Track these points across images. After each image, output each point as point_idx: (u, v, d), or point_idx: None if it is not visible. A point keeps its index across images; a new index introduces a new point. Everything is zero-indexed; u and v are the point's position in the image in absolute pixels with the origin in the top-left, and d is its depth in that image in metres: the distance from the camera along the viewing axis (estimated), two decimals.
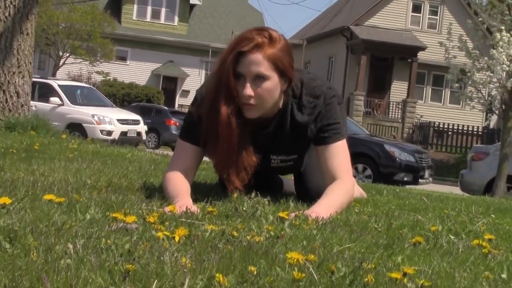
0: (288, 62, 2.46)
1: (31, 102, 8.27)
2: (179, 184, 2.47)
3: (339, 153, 2.59)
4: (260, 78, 2.40)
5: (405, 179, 12.68)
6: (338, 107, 2.63)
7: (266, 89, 2.42)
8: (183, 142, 2.60)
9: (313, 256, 1.58)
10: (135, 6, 32.85)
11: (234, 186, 2.49)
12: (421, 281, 1.46)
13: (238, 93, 2.40)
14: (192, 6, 33.61)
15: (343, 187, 2.55)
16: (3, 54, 7.42)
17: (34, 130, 7.07)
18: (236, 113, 2.41)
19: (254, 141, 2.54)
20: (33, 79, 8.95)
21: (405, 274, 1.49)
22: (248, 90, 2.39)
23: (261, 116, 2.53)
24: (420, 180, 13.12)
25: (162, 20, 33.08)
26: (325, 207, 2.40)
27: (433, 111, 28.51)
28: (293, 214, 2.25)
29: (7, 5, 7.46)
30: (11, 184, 2.43)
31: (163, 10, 33.05)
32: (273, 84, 2.43)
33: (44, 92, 15.72)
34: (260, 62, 2.38)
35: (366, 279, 1.44)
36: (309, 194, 2.71)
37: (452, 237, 2.23)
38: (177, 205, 2.22)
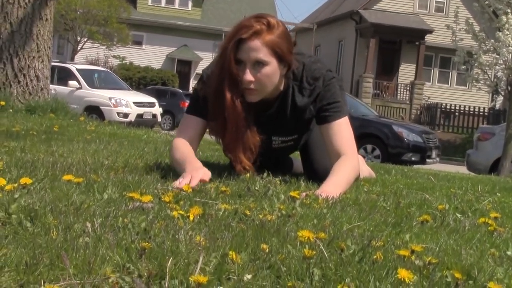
0: (286, 48, 2.53)
1: (50, 85, 8.33)
2: (186, 151, 2.58)
3: (341, 130, 2.66)
4: (259, 64, 2.49)
5: (413, 159, 12.75)
6: (338, 88, 2.70)
7: (266, 74, 2.50)
8: (189, 116, 2.71)
9: (323, 234, 1.60)
10: None
11: (242, 165, 2.59)
12: (429, 258, 1.47)
13: (240, 79, 2.49)
14: None
15: (349, 163, 2.61)
16: (23, 39, 7.49)
17: (54, 113, 7.15)
18: (240, 97, 2.51)
19: (257, 123, 2.62)
20: (52, 64, 9.02)
21: (413, 252, 1.51)
22: (248, 76, 2.48)
23: (263, 98, 2.61)
24: (427, 160, 13.18)
25: (177, 5, 33.04)
26: (334, 186, 2.46)
27: (440, 92, 28.46)
28: (304, 194, 2.29)
29: None
30: (31, 165, 2.47)
31: None
32: (272, 69, 2.51)
33: (63, 76, 15.80)
34: (259, 48, 2.46)
35: (375, 257, 1.45)
36: (317, 175, 2.75)
37: (459, 215, 2.26)
38: (187, 171, 2.36)
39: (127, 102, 15.68)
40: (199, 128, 2.69)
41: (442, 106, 26.18)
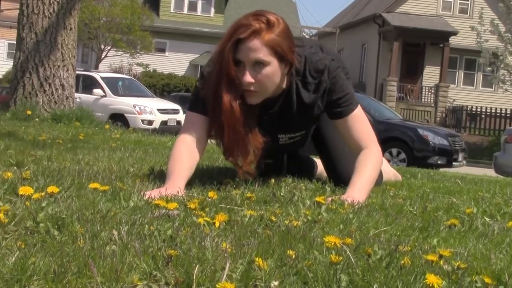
0: (287, 46, 2.41)
1: (75, 94, 8.42)
2: (179, 162, 2.43)
3: (357, 122, 2.60)
4: (259, 64, 2.36)
5: (439, 162, 12.65)
6: (344, 78, 2.60)
7: (266, 75, 2.38)
8: (191, 113, 2.57)
9: (350, 239, 1.59)
10: None
11: (245, 170, 2.48)
12: (457, 263, 1.46)
13: (239, 81, 2.37)
14: None
15: (371, 158, 2.56)
16: (48, 48, 7.59)
17: (79, 121, 7.23)
18: (239, 100, 2.38)
19: (260, 122, 2.52)
20: (77, 72, 9.10)
21: (441, 256, 1.49)
22: (248, 77, 2.36)
23: (266, 97, 2.50)
24: (454, 163, 13.06)
25: (199, 12, 33.21)
26: (359, 189, 2.44)
27: (466, 95, 28.23)
28: (330, 199, 2.28)
29: (51, 1, 7.62)
30: (58, 174, 2.49)
31: (200, 3, 33.17)
32: (273, 69, 2.39)
33: (87, 84, 15.95)
34: (258, 48, 2.34)
35: (403, 262, 1.44)
36: (342, 177, 2.72)
37: (487, 219, 2.23)
38: (166, 187, 2.23)
39: (151, 109, 15.76)
40: (203, 126, 2.53)
41: (468, 109, 25.94)
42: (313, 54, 2.58)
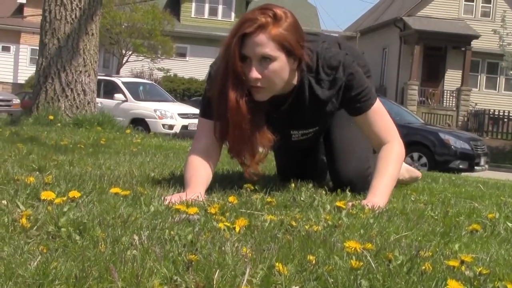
0: (295, 41, 2.32)
1: (97, 99, 8.49)
2: (195, 171, 2.40)
3: (377, 117, 2.54)
4: (266, 60, 2.29)
5: (461, 166, 12.56)
6: (360, 72, 2.52)
7: (273, 71, 2.30)
8: (203, 120, 2.52)
9: (370, 244, 1.58)
10: (193, 4, 33.18)
11: (251, 170, 2.43)
12: (479, 269, 1.44)
13: (245, 77, 2.30)
14: (248, 2, 33.63)
15: (392, 154, 2.52)
16: (70, 54, 7.66)
17: (100, 126, 7.28)
18: (246, 97, 2.31)
19: (272, 119, 2.47)
20: (98, 77, 9.18)
21: (462, 262, 1.48)
22: (254, 73, 2.28)
23: (276, 94, 2.42)
24: (476, 168, 12.95)
25: (220, 17, 33.31)
26: (380, 193, 2.41)
27: (488, 98, 28.01)
28: (350, 204, 2.27)
29: (73, 7, 7.70)
30: (79, 178, 2.51)
31: (220, 7, 33.27)
32: (280, 64, 2.31)
33: (109, 89, 16.05)
34: (264, 43, 2.26)
35: (424, 267, 1.43)
36: (340, 177, 2.69)
37: (510, 224, 2.21)
38: (187, 195, 2.21)
39: (172, 114, 15.82)
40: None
41: (490, 112, 25.72)
42: (326, 50, 2.49)
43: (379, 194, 2.41)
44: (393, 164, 2.51)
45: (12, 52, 33.11)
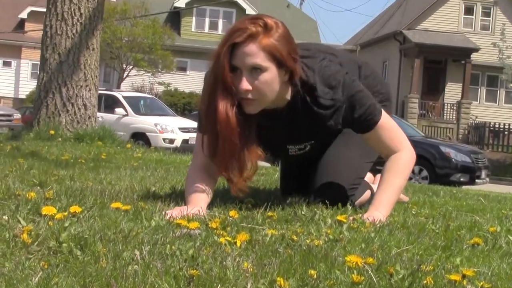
0: (286, 52, 2.25)
1: (98, 113, 8.50)
2: (196, 186, 2.37)
3: (384, 131, 2.46)
4: (256, 70, 2.22)
5: (462, 179, 12.55)
6: (361, 89, 2.43)
7: (264, 82, 2.23)
8: (200, 134, 2.45)
9: (371, 259, 1.58)
10: (194, 19, 33.38)
11: (238, 187, 2.35)
12: (481, 283, 1.45)
13: (235, 88, 2.23)
14: None
15: (399, 164, 2.46)
16: (71, 69, 7.68)
17: (101, 141, 7.28)
18: (235, 109, 2.24)
19: (267, 133, 2.42)
20: (99, 92, 9.19)
21: (464, 276, 1.48)
22: (245, 84, 2.22)
23: (268, 108, 2.36)
24: (477, 181, 12.95)
25: (220, 31, 33.39)
26: (383, 206, 2.39)
27: (488, 111, 28.10)
28: (351, 218, 2.26)
29: (74, 22, 7.73)
30: (80, 193, 2.51)
31: (220, 22, 33.42)
32: (271, 75, 2.24)
33: (109, 104, 16.09)
34: (255, 53, 2.20)
35: (425, 281, 1.43)
36: (314, 190, 2.63)
37: (511, 238, 2.21)
38: (188, 209, 2.20)
39: (172, 128, 15.84)
40: None
41: (491, 125, 25.75)
42: (325, 68, 2.42)
43: (381, 207, 2.39)
44: (398, 176, 2.46)
45: (13, 67, 33.20)
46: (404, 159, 2.48)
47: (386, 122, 2.49)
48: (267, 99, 2.30)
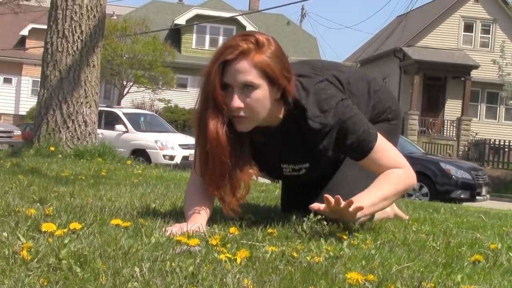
0: (279, 69, 2.22)
1: (98, 130, 8.51)
2: (195, 203, 2.36)
3: (380, 154, 2.37)
4: (248, 88, 2.20)
5: (462, 196, 12.58)
6: (355, 116, 2.36)
7: (256, 99, 2.21)
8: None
9: (372, 276, 1.58)
10: (194, 36, 33.59)
11: (230, 207, 2.31)
12: None
13: (227, 106, 2.20)
14: None
15: (391, 175, 2.36)
16: (72, 85, 7.71)
17: (101, 157, 7.28)
18: (226, 128, 2.21)
19: (261, 151, 2.41)
20: (100, 108, 9.21)
21: None
22: (236, 102, 2.19)
23: (261, 126, 2.34)
24: (477, 197, 12.97)
25: None
26: (366, 199, 2.28)
27: (488, 128, 28.23)
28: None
29: (75, 40, 7.77)
30: (80, 210, 2.50)
31: (221, 39, 33.56)
32: (263, 93, 2.21)
33: (110, 120, 16.13)
34: (247, 70, 2.18)
35: None
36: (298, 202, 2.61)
37: None
38: (188, 226, 2.19)
39: (173, 145, 15.86)
40: None
41: (491, 142, 25.79)
42: (321, 91, 2.37)
43: (363, 198, 2.29)
44: (388, 185, 2.36)
45: (14, 84, 33.34)
46: (399, 173, 2.39)
47: (383, 145, 2.40)
48: (259, 116, 2.27)
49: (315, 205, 2.25)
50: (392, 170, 2.39)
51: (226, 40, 2.29)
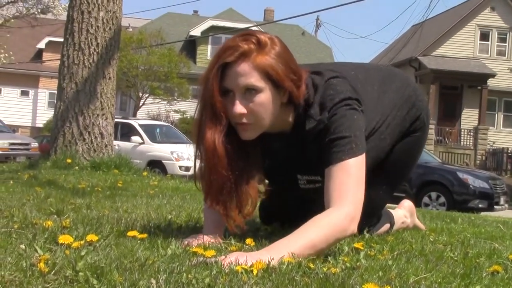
0: (283, 71, 2.02)
1: (114, 141, 8.56)
2: (212, 214, 2.23)
3: (339, 173, 2.00)
4: (250, 92, 2.00)
5: (480, 206, 12.48)
6: (349, 116, 2.07)
7: (260, 103, 2.01)
8: None
9: (389, 287, 1.57)
10: (209, 47, 33.72)
11: (235, 224, 2.12)
12: None
13: (228, 113, 2.02)
14: None
15: (321, 220, 1.95)
16: (88, 97, 7.77)
17: (117, 169, 7.32)
18: (224, 137, 2.02)
19: (274, 160, 2.24)
20: (116, 120, 9.27)
21: None
22: (238, 108, 2.00)
23: (273, 132, 2.15)
24: (495, 207, 12.88)
25: None
26: (276, 250, 1.87)
27: (506, 137, 28.07)
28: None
29: (91, 52, 7.84)
30: (97, 222, 2.52)
31: None
32: (267, 96, 2.01)
33: (126, 132, 16.22)
34: (248, 73, 1.98)
35: None
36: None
37: None
38: (204, 237, 2.15)
39: (189, 156, 15.90)
40: None
41: (509, 151, 25.60)
42: (330, 86, 2.12)
43: (273, 251, 1.86)
44: (314, 230, 1.93)
45: (31, 96, 33.63)
46: (330, 219, 1.95)
47: (353, 167, 2.01)
48: (264, 122, 2.06)
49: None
50: (325, 212, 1.98)
51: (226, 41, 2.08)
